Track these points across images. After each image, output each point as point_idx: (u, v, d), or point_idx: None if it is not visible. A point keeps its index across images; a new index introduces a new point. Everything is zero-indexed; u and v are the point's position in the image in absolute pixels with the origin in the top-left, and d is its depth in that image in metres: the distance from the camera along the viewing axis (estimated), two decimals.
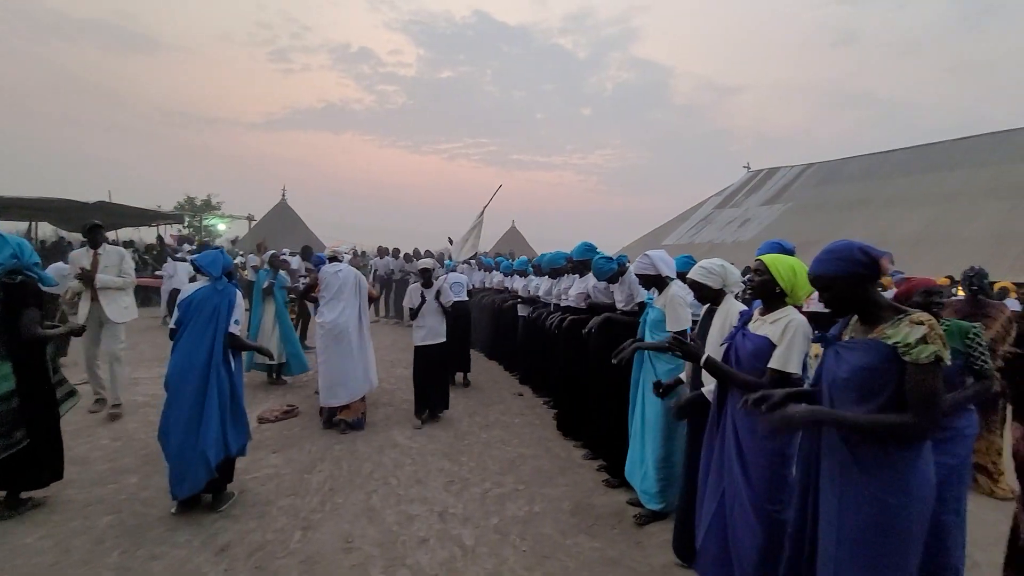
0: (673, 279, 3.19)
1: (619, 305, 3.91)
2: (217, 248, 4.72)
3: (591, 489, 3.70)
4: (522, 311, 6.66)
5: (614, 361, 3.08)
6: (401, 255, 12.44)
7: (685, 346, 2.16)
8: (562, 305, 5.17)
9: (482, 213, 6.36)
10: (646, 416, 3.17)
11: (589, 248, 4.54)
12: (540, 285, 6.17)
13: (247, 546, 2.83)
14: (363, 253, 16.42)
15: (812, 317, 2.10)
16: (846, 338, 1.57)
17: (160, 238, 16.22)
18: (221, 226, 21.04)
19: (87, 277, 4.67)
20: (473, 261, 9.84)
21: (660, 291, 3.17)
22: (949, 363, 1.42)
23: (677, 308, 2.99)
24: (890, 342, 1.44)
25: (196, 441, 3.03)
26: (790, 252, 2.47)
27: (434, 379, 5.12)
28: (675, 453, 3.03)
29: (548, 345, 5.55)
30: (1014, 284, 7.55)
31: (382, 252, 12.85)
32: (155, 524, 3.02)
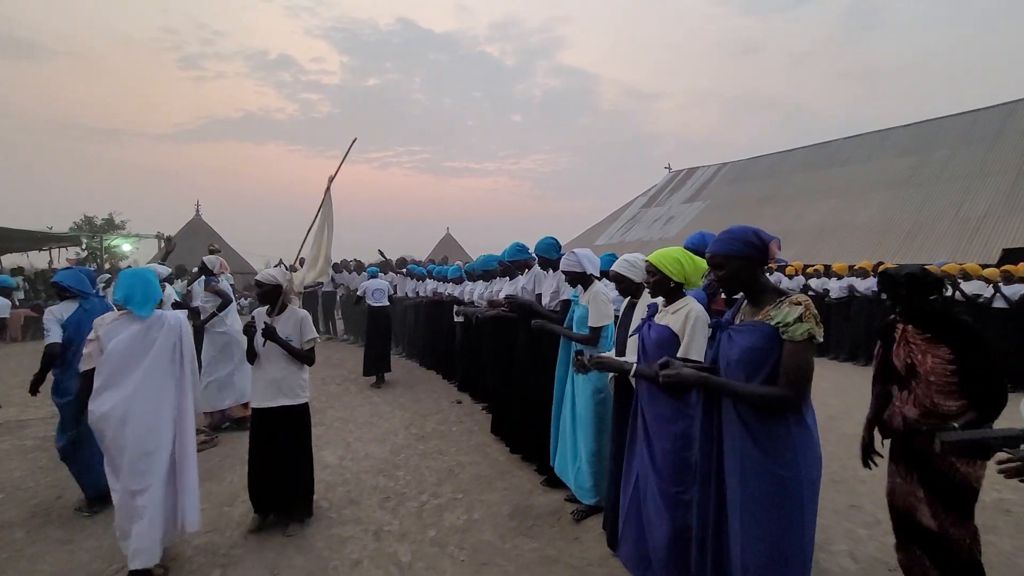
0: (597, 277, 3.26)
1: (545, 299, 3.96)
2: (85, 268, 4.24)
3: (529, 491, 3.70)
4: (458, 317, 6.60)
5: (576, 371, 3.01)
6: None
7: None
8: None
9: (328, 189, 3.37)
10: (576, 411, 3.21)
11: (520, 248, 4.55)
12: (475, 290, 6.15)
13: None
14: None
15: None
16: (737, 321, 1.66)
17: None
18: (126, 246, 19.26)
19: None
20: (403, 271, 9.66)
21: (585, 288, 3.23)
22: (821, 340, 1.53)
23: (600, 304, 3.06)
24: (772, 323, 1.54)
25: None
26: None
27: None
28: (606, 447, 3.09)
29: (484, 350, 5.52)
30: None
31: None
32: None
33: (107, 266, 15.01)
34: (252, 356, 3.16)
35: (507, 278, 5.07)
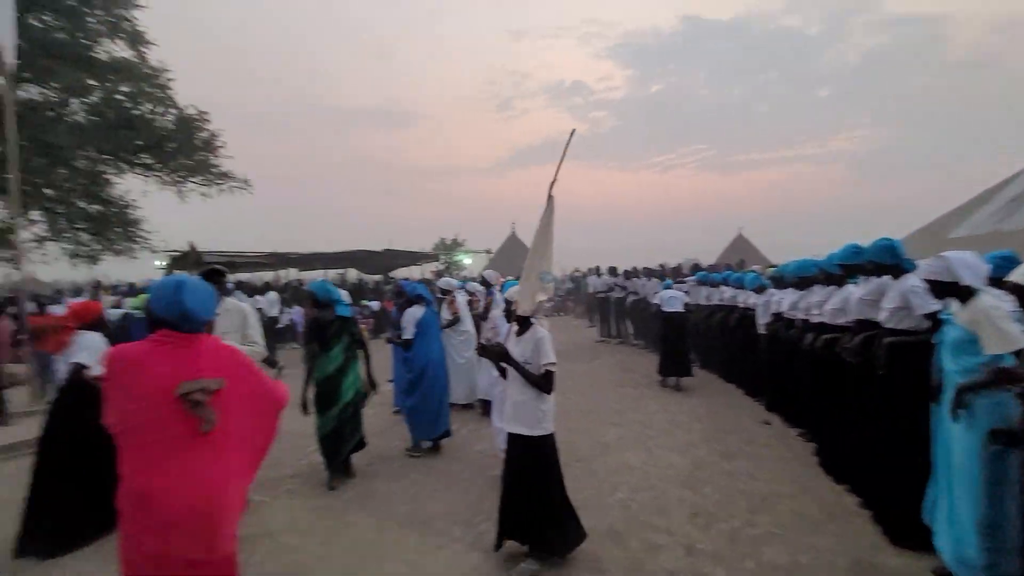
0: (981, 289, 2.48)
1: (883, 315, 3.23)
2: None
3: (871, 545, 3.07)
4: (761, 328, 6.00)
5: (956, 414, 2.40)
6: (620, 272, 12.54)
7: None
8: (813, 322, 4.51)
9: (550, 196, 2.89)
10: (954, 463, 2.50)
11: (857, 251, 3.82)
12: (783, 299, 5.48)
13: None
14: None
15: None
16: None
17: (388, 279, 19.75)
18: (466, 260, 24.56)
19: None
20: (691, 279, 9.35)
21: (963, 303, 2.50)
22: None
23: (999, 323, 2.30)
24: None
25: None
26: None
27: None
28: (1007, 516, 2.30)
29: (799, 368, 4.87)
30: None
31: (595, 272, 13.30)
32: None
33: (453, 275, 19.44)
34: (503, 372, 3.06)
35: (833, 286, 4.34)
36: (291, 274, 20.21)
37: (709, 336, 8.37)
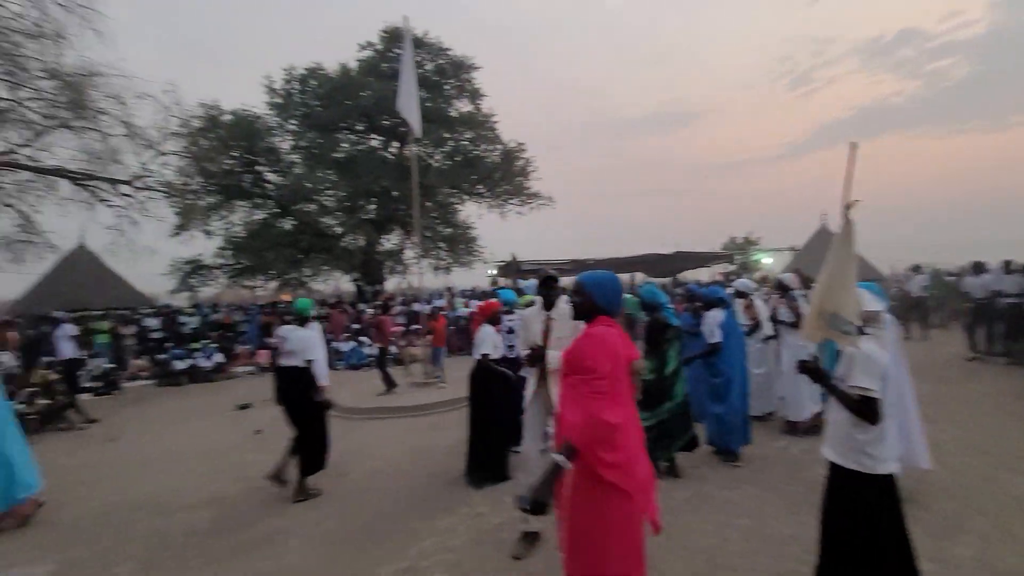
0: None
1: None
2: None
3: None
4: None
5: None
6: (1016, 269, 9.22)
7: None
8: None
9: (847, 216, 2.29)
10: None
11: None
12: None
13: None
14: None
15: None
16: None
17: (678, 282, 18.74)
18: (766, 259, 22.16)
19: (535, 355, 3.28)
20: None
21: None
22: None
23: None
24: None
25: None
26: None
27: None
28: None
29: None
30: None
31: (977, 268, 10.01)
32: None
33: (755, 276, 17.71)
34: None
35: None
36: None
37: None
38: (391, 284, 20.55)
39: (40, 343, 10.62)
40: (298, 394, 4.39)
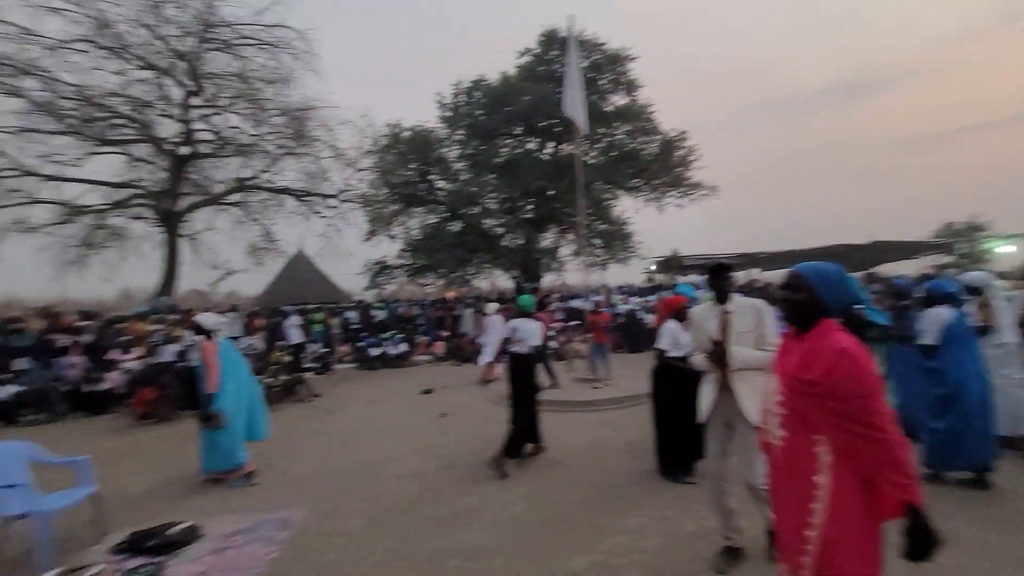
0: None
1: None
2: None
3: None
4: None
5: None
6: None
7: None
8: None
9: None
10: None
11: None
12: None
13: None
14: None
15: None
16: None
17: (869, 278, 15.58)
18: (1004, 248, 17.55)
19: (716, 353, 3.04)
20: None
21: None
22: None
23: None
24: None
25: None
26: None
27: None
28: None
29: None
30: None
31: None
32: None
33: (979, 269, 14.28)
34: None
35: None
36: (752, 274, 20.05)
37: None
38: (546, 281, 21.13)
39: (276, 330, 13.15)
40: (525, 375, 5.16)
